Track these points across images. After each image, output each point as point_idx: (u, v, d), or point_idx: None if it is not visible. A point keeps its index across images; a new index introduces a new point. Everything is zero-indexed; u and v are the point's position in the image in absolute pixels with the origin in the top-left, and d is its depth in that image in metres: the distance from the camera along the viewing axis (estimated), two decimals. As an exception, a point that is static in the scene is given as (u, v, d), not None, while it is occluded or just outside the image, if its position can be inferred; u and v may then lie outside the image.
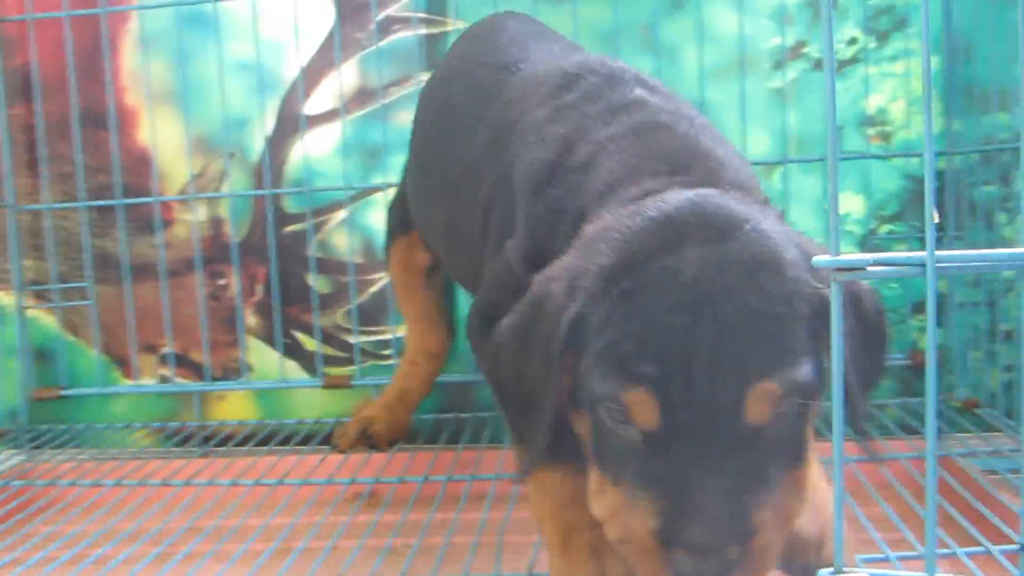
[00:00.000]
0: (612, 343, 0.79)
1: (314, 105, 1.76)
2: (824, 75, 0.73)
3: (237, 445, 1.69)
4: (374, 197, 1.75)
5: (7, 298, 1.81)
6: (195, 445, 1.75)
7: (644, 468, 0.78)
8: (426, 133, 1.39)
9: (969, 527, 1.12)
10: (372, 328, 1.78)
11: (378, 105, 1.74)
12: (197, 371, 1.80)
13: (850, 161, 1.66)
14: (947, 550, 1.00)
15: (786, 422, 0.78)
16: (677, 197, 0.85)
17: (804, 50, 1.67)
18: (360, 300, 1.77)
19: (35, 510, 1.40)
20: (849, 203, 1.67)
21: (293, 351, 1.79)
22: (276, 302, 1.76)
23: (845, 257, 0.72)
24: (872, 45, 1.66)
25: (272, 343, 1.78)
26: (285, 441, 1.67)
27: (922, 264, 0.71)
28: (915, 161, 1.66)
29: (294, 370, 1.79)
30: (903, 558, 0.99)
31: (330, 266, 1.78)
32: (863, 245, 1.65)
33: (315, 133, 1.76)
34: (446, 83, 1.36)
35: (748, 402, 0.76)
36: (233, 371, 1.80)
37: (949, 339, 1.64)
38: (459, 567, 1.09)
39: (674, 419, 0.76)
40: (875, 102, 1.66)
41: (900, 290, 1.65)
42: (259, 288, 1.79)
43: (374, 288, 1.77)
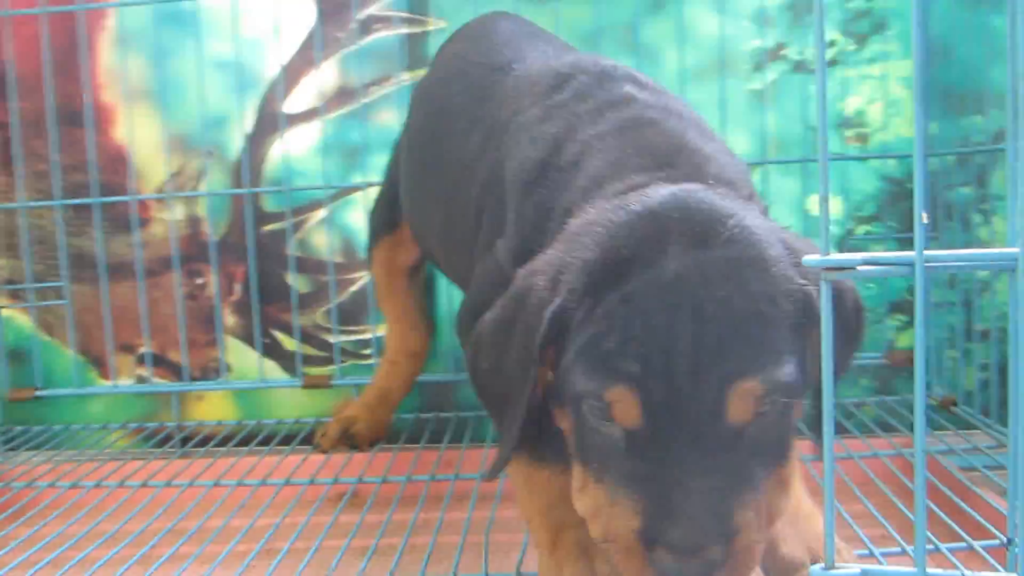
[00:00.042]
0: (594, 339, 0.79)
1: (294, 104, 1.75)
2: (816, 76, 0.74)
3: (216, 446, 1.68)
4: (353, 196, 1.75)
5: (-19, 298, 1.79)
6: (174, 446, 1.74)
7: (626, 466, 0.78)
8: (422, 133, 1.38)
9: (951, 523, 1.13)
10: (352, 328, 1.77)
11: (358, 104, 1.73)
12: (175, 371, 1.79)
13: (829, 163, 1.67)
14: (931, 546, 1.01)
15: (769, 421, 0.78)
16: (661, 192, 0.85)
17: (783, 52, 1.69)
18: (340, 299, 1.76)
19: (13, 513, 1.38)
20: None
21: (272, 351, 1.78)
22: (255, 301, 1.75)
23: (835, 256, 0.73)
24: (851, 47, 1.67)
25: (251, 343, 1.77)
26: (265, 442, 1.66)
27: (911, 264, 0.72)
28: (892, 163, 1.67)
29: (273, 370, 1.78)
30: (887, 554, 1.00)
31: (309, 265, 1.77)
32: (841, 246, 1.66)
33: (295, 132, 1.75)
34: (441, 83, 1.36)
35: (730, 401, 0.76)
36: (212, 371, 1.79)
37: (926, 338, 1.66)
38: (446, 567, 1.09)
39: (656, 418, 0.76)
40: (853, 104, 1.68)
41: (877, 290, 1.67)
42: (238, 287, 1.78)
43: (354, 287, 1.77)
